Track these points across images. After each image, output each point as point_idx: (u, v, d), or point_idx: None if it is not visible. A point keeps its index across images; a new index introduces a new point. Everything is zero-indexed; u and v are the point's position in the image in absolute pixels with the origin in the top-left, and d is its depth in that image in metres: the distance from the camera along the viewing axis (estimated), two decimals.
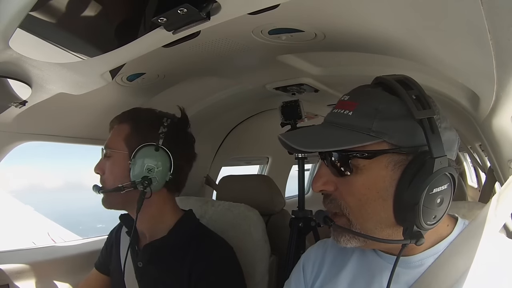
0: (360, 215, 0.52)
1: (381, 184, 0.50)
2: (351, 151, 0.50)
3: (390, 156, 0.49)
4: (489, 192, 1.68)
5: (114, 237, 1.01)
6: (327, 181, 0.54)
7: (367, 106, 0.51)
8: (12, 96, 0.71)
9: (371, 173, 0.50)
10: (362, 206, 0.51)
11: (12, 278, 1.02)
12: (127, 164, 0.86)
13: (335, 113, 0.55)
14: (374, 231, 0.52)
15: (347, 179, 0.52)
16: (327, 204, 0.55)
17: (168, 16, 0.48)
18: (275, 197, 1.52)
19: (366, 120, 0.50)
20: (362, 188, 0.51)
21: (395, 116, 0.50)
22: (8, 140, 1.01)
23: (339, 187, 0.53)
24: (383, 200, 0.50)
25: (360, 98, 0.54)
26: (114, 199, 0.88)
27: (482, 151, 2.14)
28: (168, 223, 0.89)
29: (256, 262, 1.07)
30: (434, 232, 0.54)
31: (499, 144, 0.80)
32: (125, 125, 0.90)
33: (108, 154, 0.89)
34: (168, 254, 0.85)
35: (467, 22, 0.46)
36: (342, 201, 0.53)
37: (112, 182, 0.87)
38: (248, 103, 1.53)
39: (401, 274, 0.54)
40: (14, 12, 0.43)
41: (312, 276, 0.66)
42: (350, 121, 0.51)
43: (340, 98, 0.57)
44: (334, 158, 0.53)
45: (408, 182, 0.47)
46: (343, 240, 0.54)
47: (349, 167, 0.51)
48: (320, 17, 0.70)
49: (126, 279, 0.89)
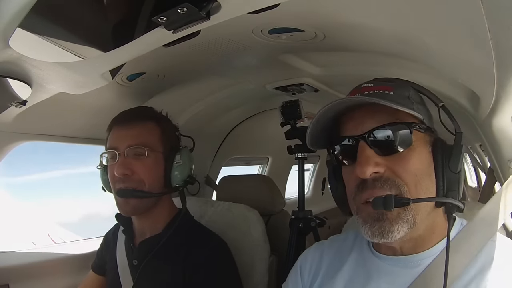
0: (416, 192, 0.51)
1: (427, 159, 0.53)
2: (412, 123, 0.53)
3: (427, 135, 0.55)
4: (489, 192, 1.68)
5: (111, 238, 1.00)
6: (377, 162, 0.51)
7: (401, 91, 0.56)
8: (12, 96, 0.71)
9: (421, 148, 0.53)
10: (418, 181, 0.51)
11: (12, 278, 1.02)
12: (163, 165, 0.86)
13: (375, 93, 0.55)
14: (423, 212, 0.51)
15: (401, 156, 0.52)
16: (381, 187, 0.51)
17: (168, 15, 0.48)
18: (275, 198, 1.52)
19: (407, 101, 0.54)
20: (417, 163, 0.52)
21: (420, 102, 0.57)
22: (8, 140, 1.01)
23: (390, 166, 0.51)
24: (429, 175, 0.53)
25: (389, 84, 0.56)
26: (146, 204, 0.84)
27: (482, 151, 2.14)
28: (164, 220, 0.90)
29: (255, 262, 1.06)
30: (433, 232, 0.54)
31: (499, 144, 0.80)
32: (152, 124, 0.87)
33: (143, 153, 0.82)
34: (163, 251, 0.84)
35: (467, 22, 0.46)
36: (398, 179, 0.51)
37: (150, 184, 0.83)
38: (248, 103, 1.53)
39: (399, 274, 0.54)
40: (14, 12, 0.43)
41: (309, 278, 0.66)
42: (395, 99, 0.52)
43: (361, 85, 0.58)
44: (394, 131, 0.52)
45: (448, 154, 0.53)
46: (397, 229, 0.50)
47: (408, 140, 0.52)
48: (320, 17, 0.70)
49: (121, 278, 0.89)
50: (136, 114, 0.89)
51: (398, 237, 0.50)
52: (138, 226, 0.91)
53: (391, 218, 0.50)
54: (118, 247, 0.95)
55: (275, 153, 2.34)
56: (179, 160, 0.87)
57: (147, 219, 0.89)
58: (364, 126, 0.53)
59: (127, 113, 0.89)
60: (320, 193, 3.03)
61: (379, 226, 0.50)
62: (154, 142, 0.85)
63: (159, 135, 0.87)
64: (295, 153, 1.41)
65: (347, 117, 0.57)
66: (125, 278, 0.89)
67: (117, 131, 0.87)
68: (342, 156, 0.58)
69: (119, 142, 0.84)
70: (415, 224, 0.50)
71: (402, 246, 0.55)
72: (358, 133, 0.54)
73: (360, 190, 0.52)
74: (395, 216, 0.50)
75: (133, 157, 0.82)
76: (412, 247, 0.55)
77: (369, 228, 0.51)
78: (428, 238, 0.54)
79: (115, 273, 0.91)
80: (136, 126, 0.86)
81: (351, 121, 0.56)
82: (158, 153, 0.85)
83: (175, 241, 0.85)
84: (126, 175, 0.81)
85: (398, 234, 0.50)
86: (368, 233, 0.52)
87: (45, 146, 1.16)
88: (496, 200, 0.56)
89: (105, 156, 0.87)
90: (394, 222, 0.50)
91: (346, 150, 0.56)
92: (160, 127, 0.88)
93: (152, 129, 0.87)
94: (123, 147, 0.83)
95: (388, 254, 0.57)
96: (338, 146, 0.57)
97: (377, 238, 0.51)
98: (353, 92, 0.58)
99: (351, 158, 0.55)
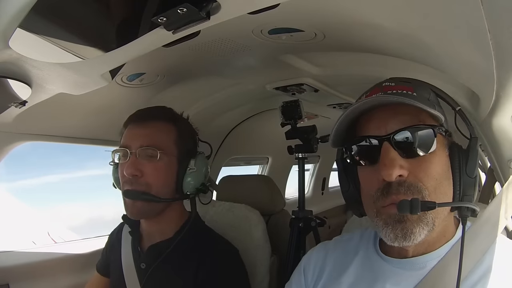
0: (435, 195, 0.50)
1: (446, 163, 0.53)
2: (436, 126, 0.52)
3: (446, 138, 0.55)
4: (489, 192, 1.68)
5: (115, 238, 0.98)
6: (401, 165, 0.50)
7: (422, 92, 0.55)
8: (12, 96, 0.71)
9: (441, 152, 0.53)
10: (437, 186, 0.51)
11: (12, 278, 1.02)
12: (176, 170, 0.82)
13: (398, 93, 0.54)
14: (441, 216, 0.51)
15: (424, 159, 0.51)
16: (404, 193, 0.49)
17: (168, 15, 0.48)
18: (275, 197, 1.52)
19: (428, 103, 0.53)
20: (438, 167, 0.51)
21: (438, 104, 0.57)
22: (8, 140, 1.01)
23: (412, 170, 0.50)
24: (448, 179, 0.52)
25: (409, 85, 0.55)
26: (154, 208, 0.81)
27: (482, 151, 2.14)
28: (175, 225, 0.87)
29: (257, 262, 1.07)
30: (443, 231, 0.54)
31: (499, 144, 0.80)
32: (169, 126, 0.84)
33: (155, 156, 0.79)
34: (174, 256, 0.83)
35: (467, 22, 0.46)
36: (420, 184, 0.50)
37: (158, 189, 0.80)
38: (248, 103, 1.53)
39: (404, 276, 0.54)
40: (14, 12, 0.43)
41: (313, 279, 0.65)
42: (418, 100, 0.51)
43: (381, 84, 0.57)
44: (418, 134, 0.51)
45: (465, 158, 0.53)
46: (418, 231, 0.49)
47: (432, 143, 0.51)
48: (320, 17, 0.70)
49: (127, 280, 0.87)
50: (153, 113, 0.85)
51: (419, 240, 0.49)
52: (147, 229, 0.89)
53: (413, 220, 0.49)
54: (123, 249, 0.92)
55: (275, 153, 2.34)
56: (193, 167, 0.83)
57: (157, 223, 0.86)
58: (388, 127, 0.52)
59: (144, 112, 0.86)
60: (320, 193, 3.03)
61: (401, 228, 0.49)
62: (169, 144, 0.82)
63: (174, 137, 0.83)
64: (295, 153, 1.41)
65: (368, 116, 0.55)
66: (131, 281, 0.86)
67: (131, 129, 0.84)
68: (360, 156, 0.56)
69: (132, 141, 0.81)
70: (434, 227, 0.50)
71: (415, 249, 0.55)
72: (382, 134, 0.52)
73: (384, 194, 0.51)
74: (416, 218, 0.49)
75: (144, 158, 0.79)
76: (422, 250, 0.55)
77: (392, 231, 0.50)
78: (438, 241, 0.54)
79: (120, 275, 0.88)
80: (151, 125, 0.82)
81: (373, 121, 0.54)
82: (171, 156, 0.82)
83: (186, 247, 0.83)
84: (135, 176, 0.78)
85: (419, 237, 0.49)
86: (390, 236, 0.50)
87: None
88: (498, 202, 0.56)
89: (117, 153, 0.84)
90: (416, 223, 0.49)
91: (366, 150, 0.54)
92: (177, 129, 0.85)
93: (168, 131, 0.83)
94: (135, 147, 0.80)
95: (393, 256, 0.57)
96: (356, 146, 0.55)
97: (399, 241, 0.50)
98: (374, 91, 0.56)
99: (370, 159, 0.54)
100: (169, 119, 0.85)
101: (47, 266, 1.12)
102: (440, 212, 0.51)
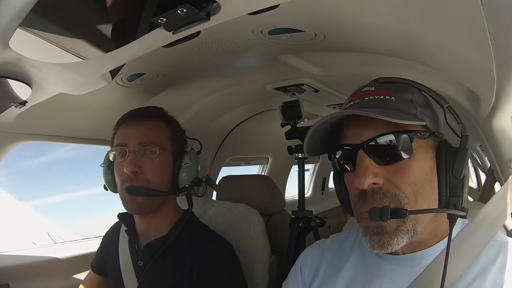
0: (416, 202, 0.50)
1: (429, 166, 0.52)
2: (413, 131, 0.51)
3: (431, 140, 0.53)
4: (489, 192, 1.69)
5: (112, 237, 0.99)
6: (376, 173, 0.50)
7: (403, 94, 0.54)
8: (12, 96, 0.71)
9: (422, 155, 0.52)
10: (417, 191, 0.50)
11: (12, 278, 1.02)
12: (172, 165, 0.85)
13: (376, 99, 0.54)
14: (424, 220, 0.51)
15: (401, 165, 0.50)
16: (380, 201, 0.50)
17: (168, 16, 0.48)
18: (275, 197, 1.52)
19: (409, 106, 0.53)
20: (417, 171, 0.50)
21: (424, 105, 0.55)
22: (8, 140, 1.01)
23: (389, 177, 0.50)
24: (431, 182, 0.51)
25: (390, 88, 0.55)
26: (153, 202, 0.83)
27: (482, 151, 2.14)
28: (169, 222, 0.89)
29: (256, 262, 1.06)
30: (434, 231, 0.54)
31: (499, 144, 0.81)
32: (162, 124, 0.87)
33: (154, 152, 0.82)
34: (169, 253, 0.84)
35: (467, 22, 0.46)
36: (398, 192, 0.50)
37: (159, 183, 0.82)
38: (248, 103, 1.53)
39: (400, 274, 0.54)
40: (14, 12, 0.43)
41: (310, 276, 0.66)
42: (397, 106, 0.51)
43: (362, 89, 0.57)
44: (393, 140, 0.50)
45: (452, 159, 0.51)
46: (396, 241, 0.50)
47: (409, 148, 0.50)
48: (320, 18, 0.70)
49: (124, 278, 0.88)
50: (146, 112, 0.89)
51: (398, 247, 0.50)
52: (142, 227, 0.90)
53: (391, 231, 0.50)
54: (121, 248, 0.93)
55: (275, 153, 2.34)
56: (187, 161, 0.87)
57: (152, 220, 0.88)
58: (363, 135, 0.52)
59: (137, 111, 0.89)
60: (320, 193, 3.03)
61: (378, 239, 0.50)
62: (165, 141, 0.85)
63: (169, 135, 0.87)
64: (295, 153, 1.41)
65: (347, 124, 0.56)
66: (129, 279, 0.88)
67: (126, 128, 0.85)
68: (343, 162, 0.57)
69: (129, 138, 0.82)
70: (415, 233, 0.50)
71: (404, 248, 0.55)
72: (357, 142, 0.53)
73: (361, 201, 0.52)
74: (394, 228, 0.50)
75: (143, 155, 0.81)
76: (413, 248, 0.55)
77: (369, 241, 0.51)
78: (430, 239, 0.54)
79: (117, 273, 0.90)
80: (147, 124, 0.85)
81: (350, 129, 0.55)
82: (168, 152, 0.85)
83: (182, 243, 0.85)
84: (135, 173, 0.80)
85: (397, 245, 0.50)
86: (368, 245, 0.52)
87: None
88: (497, 200, 0.56)
89: (112, 153, 0.85)
90: (393, 235, 0.50)
91: (346, 156, 0.56)
92: (169, 127, 0.89)
93: (163, 128, 0.87)
94: (134, 144, 0.81)
95: (389, 253, 0.57)
96: (339, 152, 0.57)
97: (376, 250, 0.51)
98: (354, 97, 0.57)
99: (350, 166, 0.55)
100: (161, 118, 0.89)
101: (47, 266, 1.12)
102: (422, 217, 0.51)
